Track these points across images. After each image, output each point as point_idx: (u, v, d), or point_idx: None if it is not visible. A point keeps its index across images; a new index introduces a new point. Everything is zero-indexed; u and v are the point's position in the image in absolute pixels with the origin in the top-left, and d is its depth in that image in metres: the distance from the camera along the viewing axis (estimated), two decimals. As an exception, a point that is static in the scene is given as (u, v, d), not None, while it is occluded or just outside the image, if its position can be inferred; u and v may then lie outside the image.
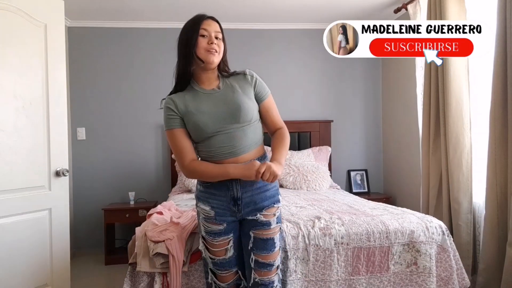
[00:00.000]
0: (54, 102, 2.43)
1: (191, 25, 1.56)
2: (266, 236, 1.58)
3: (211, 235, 1.61)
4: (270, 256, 1.59)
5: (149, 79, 3.90)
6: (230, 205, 1.58)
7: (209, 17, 1.59)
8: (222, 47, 1.58)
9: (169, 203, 2.53)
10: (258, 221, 1.57)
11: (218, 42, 1.57)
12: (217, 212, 1.59)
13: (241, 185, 1.56)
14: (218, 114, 1.54)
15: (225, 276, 1.66)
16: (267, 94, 1.66)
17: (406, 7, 3.38)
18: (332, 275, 1.91)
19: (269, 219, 1.59)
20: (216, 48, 1.55)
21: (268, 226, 1.59)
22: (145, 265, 1.82)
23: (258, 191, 1.59)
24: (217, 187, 1.58)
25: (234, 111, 1.53)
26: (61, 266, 2.47)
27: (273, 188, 1.64)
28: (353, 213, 2.22)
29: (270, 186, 1.62)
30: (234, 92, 1.57)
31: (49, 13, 2.40)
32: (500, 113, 2.33)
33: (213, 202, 1.59)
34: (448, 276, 2.00)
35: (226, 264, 1.63)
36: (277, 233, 1.62)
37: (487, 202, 2.43)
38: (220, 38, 1.58)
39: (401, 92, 3.77)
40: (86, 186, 3.84)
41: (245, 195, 1.57)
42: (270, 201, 1.61)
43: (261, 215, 1.58)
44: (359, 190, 4.06)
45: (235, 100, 1.55)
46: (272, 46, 4.04)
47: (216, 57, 1.55)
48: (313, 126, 4.02)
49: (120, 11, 3.57)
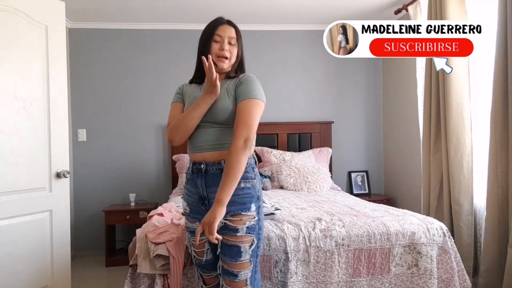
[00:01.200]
0: (55, 103, 2.43)
1: (208, 29, 1.61)
2: (231, 242, 1.49)
3: (190, 233, 1.65)
4: (234, 265, 1.48)
5: (149, 80, 3.90)
6: (200, 204, 1.57)
7: (226, 22, 1.62)
8: (234, 53, 1.60)
9: (170, 204, 2.53)
10: (226, 225, 1.49)
11: (231, 48, 1.59)
12: (191, 209, 1.62)
13: (206, 184, 1.54)
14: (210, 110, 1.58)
15: (207, 278, 1.67)
16: (244, 96, 1.49)
17: (406, 8, 3.38)
18: (333, 277, 1.91)
19: (237, 225, 1.48)
20: (227, 55, 1.57)
21: (234, 232, 1.48)
22: (146, 267, 1.82)
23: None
24: (190, 183, 1.60)
25: (212, 110, 1.54)
26: (61, 268, 2.47)
27: (244, 194, 1.51)
28: (354, 214, 2.22)
29: (241, 192, 1.50)
30: (224, 94, 1.56)
31: (50, 15, 2.41)
32: (501, 114, 2.33)
33: (189, 199, 1.63)
34: (449, 278, 2.00)
35: (205, 266, 1.64)
36: (246, 243, 1.49)
37: (488, 204, 2.43)
38: (233, 44, 1.59)
39: (402, 93, 3.77)
40: (87, 188, 3.85)
41: (212, 195, 1.52)
42: (237, 207, 1.49)
43: (226, 220, 1.47)
44: (359, 191, 4.05)
45: (217, 101, 1.55)
46: (272, 47, 4.04)
47: (225, 63, 1.58)
48: (313, 127, 4.02)
49: (121, 13, 3.58)
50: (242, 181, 1.50)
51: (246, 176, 1.51)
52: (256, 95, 1.50)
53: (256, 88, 1.52)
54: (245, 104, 1.48)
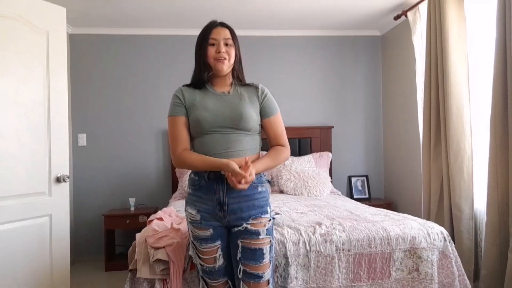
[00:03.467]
0: (55, 108, 2.43)
1: (202, 34, 1.62)
2: (254, 245, 1.53)
3: (198, 241, 1.61)
4: (258, 267, 1.53)
5: (150, 85, 3.91)
6: (216, 210, 1.57)
7: (219, 24, 1.62)
8: (232, 53, 1.60)
9: (170, 209, 2.53)
10: (246, 230, 1.54)
11: (228, 49, 1.59)
12: (203, 216, 1.58)
13: (228, 189, 1.55)
14: (219, 115, 1.57)
15: (215, 285, 1.64)
16: (274, 111, 1.67)
17: (406, 14, 3.40)
18: (334, 282, 1.90)
19: (258, 228, 1.55)
20: (225, 56, 1.58)
21: (257, 236, 1.54)
22: (146, 272, 1.82)
23: (246, 198, 1.56)
24: (204, 190, 1.58)
25: (236, 116, 1.56)
26: (61, 272, 2.46)
27: (262, 198, 1.60)
28: (354, 219, 2.21)
29: (259, 196, 1.58)
30: (241, 100, 1.60)
31: (51, 20, 2.42)
32: (501, 119, 2.33)
33: (200, 206, 1.59)
34: (450, 283, 1.99)
35: (215, 273, 1.62)
36: (266, 245, 1.56)
37: (489, 208, 2.42)
38: (230, 45, 1.60)
39: (402, 98, 3.78)
40: (87, 192, 3.84)
41: (232, 200, 1.55)
42: (257, 211, 1.57)
43: (247, 224, 1.54)
44: (360, 196, 4.05)
45: (239, 107, 1.57)
46: (273, 53, 4.06)
47: (225, 64, 1.59)
48: (313, 132, 4.03)
49: (121, 18, 3.60)
50: (260, 185, 1.58)
51: (261, 180, 1.61)
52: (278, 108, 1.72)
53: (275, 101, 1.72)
54: (277, 118, 1.69)
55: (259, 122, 1.64)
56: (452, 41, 2.74)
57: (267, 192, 1.63)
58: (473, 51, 2.78)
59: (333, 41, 4.14)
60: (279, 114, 1.69)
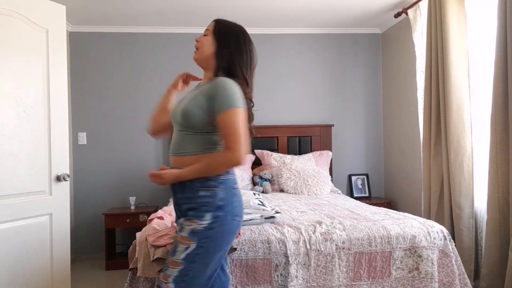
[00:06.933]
0: (55, 106, 2.43)
1: None
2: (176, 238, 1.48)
3: None
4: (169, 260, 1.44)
5: (149, 84, 3.90)
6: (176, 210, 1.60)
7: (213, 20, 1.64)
8: (206, 43, 1.55)
9: (170, 208, 2.53)
10: (181, 226, 1.49)
11: (201, 38, 1.58)
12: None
13: (173, 189, 1.53)
14: (173, 110, 1.60)
15: None
16: (222, 108, 1.41)
17: (406, 11, 3.39)
18: (334, 281, 1.90)
19: (184, 226, 1.45)
20: (197, 46, 1.58)
21: (179, 232, 1.47)
22: (146, 270, 1.82)
23: (182, 201, 1.51)
24: None
25: (179, 112, 1.51)
26: (61, 271, 2.46)
27: (201, 203, 1.44)
28: (354, 218, 2.21)
29: (198, 200, 1.45)
30: (196, 95, 1.51)
31: (51, 18, 2.41)
32: (501, 117, 2.33)
33: None
34: (450, 282, 1.99)
35: None
36: (182, 244, 1.42)
37: (489, 207, 2.42)
38: (206, 35, 1.58)
39: (402, 96, 3.77)
40: (87, 191, 3.84)
41: (180, 201, 1.53)
42: (193, 213, 1.44)
43: (183, 219, 1.48)
44: (360, 194, 4.05)
45: (183, 102, 1.53)
46: (272, 51, 4.04)
47: (196, 53, 1.58)
48: (313, 131, 4.02)
49: (122, 16, 3.59)
50: (202, 189, 1.45)
51: (207, 184, 1.44)
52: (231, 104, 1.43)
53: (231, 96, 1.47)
54: (225, 117, 1.42)
55: (207, 120, 1.45)
56: (453, 39, 2.73)
57: (213, 197, 1.44)
58: (473, 48, 2.77)
59: (333, 38, 4.13)
60: (230, 112, 1.40)
